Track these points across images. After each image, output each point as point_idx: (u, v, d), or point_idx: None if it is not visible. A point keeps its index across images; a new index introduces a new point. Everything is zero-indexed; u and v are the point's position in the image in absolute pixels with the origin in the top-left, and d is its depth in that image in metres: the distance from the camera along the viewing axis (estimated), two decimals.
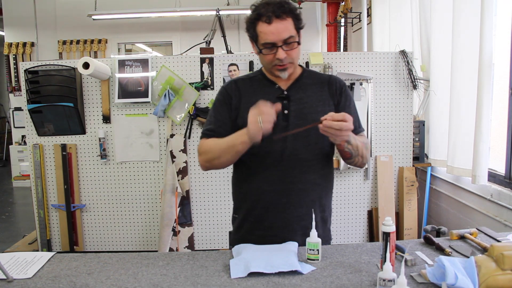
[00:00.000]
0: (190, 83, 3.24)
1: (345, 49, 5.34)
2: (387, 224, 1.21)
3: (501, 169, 2.48)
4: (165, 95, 3.17)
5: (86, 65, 2.99)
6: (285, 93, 1.53)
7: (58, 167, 3.29)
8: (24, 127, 3.41)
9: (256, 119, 1.33)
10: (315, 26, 6.78)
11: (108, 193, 3.36)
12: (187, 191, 3.32)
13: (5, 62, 6.83)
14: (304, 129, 1.40)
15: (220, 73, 3.27)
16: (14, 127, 7.01)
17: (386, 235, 1.20)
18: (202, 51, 3.39)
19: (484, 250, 1.39)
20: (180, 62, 3.28)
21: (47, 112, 3.20)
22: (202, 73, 3.28)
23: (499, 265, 1.12)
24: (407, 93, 3.29)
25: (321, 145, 1.52)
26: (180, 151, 3.28)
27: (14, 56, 6.69)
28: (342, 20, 5.26)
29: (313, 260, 1.34)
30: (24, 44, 6.67)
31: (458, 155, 2.68)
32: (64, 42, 6.65)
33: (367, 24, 4.82)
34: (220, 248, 3.30)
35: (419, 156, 3.33)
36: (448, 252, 1.39)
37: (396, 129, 3.31)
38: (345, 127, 1.31)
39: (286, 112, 1.50)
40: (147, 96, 3.21)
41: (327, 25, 5.82)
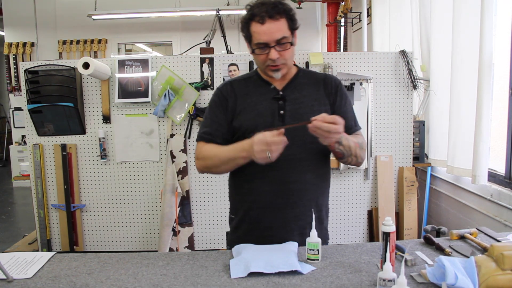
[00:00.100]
0: (190, 83, 3.24)
1: (345, 49, 5.34)
2: (387, 224, 1.21)
3: (501, 169, 2.48)
4: (165, 95, 3.17)
5: (86, 65, 2.99)
6: (281, 93, 1.53)
7: (58, 167, 3.29)
8: (24, 127, 3.41)
9: (264, 153, 1.32)
10: (315, 26, 6.78)
11: (108, 193, 3.36)
12: (187, 191, 3.32)
13: (5, 62, 6.83)
14: (293, 126, 1.38)
15: (220, 73, 3.27)
16: (14, 127, 7.01)
17: (386, 235, 1.20)
18: (202, 51, 3.39)
19: (484, 250, 1.39)
20: (180, 62, 3.28)
21: (47, 112, 3.20)
22: (202, 73, 3.28)
23: (499, 265, 1.12)
24: (407, 93, 3.29)
25: (317, 145, 1.51)
26: (180, 151, 3.28)
27: (14, 56, 6.69)
28: (342, 20, 5.26)
29: (313, 260, 1.34)
30: (24, 44, 6.66)
31: (458, 155, 2.68)
32: (64, 42, 6.65)
33: (367, 24, 4.82)
34: (220, 248, 3.29)
35: (419, 156, 3.33)
36: (448, 252, 1.39)
37: (396, 129, 3.31)
38: (333, 130, 1.31)
39: (282, 112, 1.50)
40: (147, 96, 3.21)
41: (327, 25, 5.83)
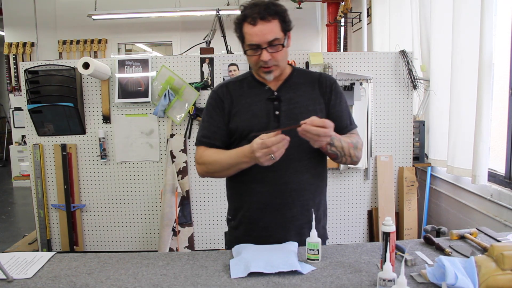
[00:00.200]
0: (190, 83, 3.24)
1: (345, 49, 5.34)
2: (387, 224, 1.21)
3: (501, 169, 2.48)
4: (165, 95, 3.17)
5: (86, 65, 2.99)
6: (275, 93, 1.53)
7: (58, 167, 3.29)
8: (24, 127, 3.41)
9: (267, 155, 1.31)
10: (315, 26, 6.78)
11: (108, 193, 3.36)
12: (187, 191, 3.32)
13: (5, 62, 6.83)
14: (283, 130, 1.36)
15: (220, 73, 3.27)
16: (14, 127, 7.01)
17: (386, 235, 1.20)
18: (202, 51, 3.39)
19: (484, 250, 1.39)
20: (180, 62, 3.28)
21: (47, 112, 3.20)
22: (202, 73, 3.28)
23: (499, 265, 1.12)
24: (407, 93, 3.29)
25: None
26: (180, 151, 3.28)
27: (14, 56, 6.68)
28: (342, 20, 5.26)
29: (313, 260, 1.34)
30: (24, 44, 6.66)
31: (458, 155, 2.68)
32: (64, 42, 6.65)
33: (367, 24, 4.82)
34: (220, 248, 3.29)
35: (419, 156, 3.33)
36: (448, 252, 1.39)
37: (396, 129, 3.31)
38: (322, 134, 1.30)
39: (277, 113, 1.50)
40: (147, 96, 3.22)
41: (327, 25, 5.83)
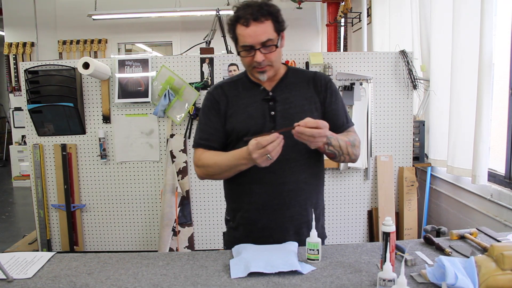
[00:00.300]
0: (190, 83, 3.24)
1: (345, 49, 5.34)
2: (387, 224, 1.21)
3: (501, 169, 2.48)
4: (165, 95, 3.17)
5: (86, 65, 2.99)
6: (270, 94, 1.53)
7: (58, 167, 3.29)
8: (24, 127, 3.41)
9: (264, 156, 1.31)
10: (315, 26, 6.78)
11: (108, 193, 3.36)
12: (187, 191, 3.32)
13: (5, 62, 6.83)
14: (278, 132, 1.35)
15: (220, 73, 3.27)
16: (14, 127, 7.00)
17: (386, 235, 1.20)
18: (202, 51, 3.39)
19: (484, 250, 1.39)
20: (180, 62, 3.28)
21: (47, 112, 3.20)
22: (202, 73, 3.28)
23: (499, 265, 1.12)
24: (407, 93, 3.29)
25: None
26: (180, 151, 3.28)
27: (14, 56, 6.68)
28: (342, 20, 5.26)
29: (313, 260, 1.34)
30: (24, 44, 6.66)
31: (458, 155, 2.68)
32: (64, 42, 6.65)
33: (367, 24, 4.82)
34: (220, 248, 3.29)
35: (419, 156, 3.33)
36: (448, 252, 1.39)
37: (396, 129, 3.31)
38: (317, 135, 1.30)
39: (272, 113, 1.50)
40: (147, 96, 3.21)
41: (327, 25, 5.83)
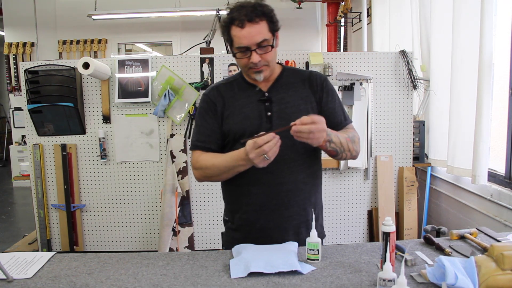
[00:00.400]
0: (190, 83, 3.24)
1: (345, 49, 5.34)
2: (387, 224, 1.21)
3: (501, 169, 2.48)
4: (165, 95, 3.17)
5: (86, 65, 2.99)
6: (266, 94, 1.53)
7: (58, 167, 3.29)
8: (24, 127, 3.41)
9: (260, 156, 1.31)
10: (315, 26, 6.78)
11: (108, 193, 3.36)
12: (187, 191, 3.32)
13: (5, 62, 6.83)
14: (274, 132, 1.34)
15: (220, 73, 3.27)
16: (14, 127, 7.00)
17: (386, 235, 1.20)
18: (202, 51, 3.39)
19: (484, 250, 1.39)
20: (180, 62, 3.28)
21: (47, 112, 3.20)
22: (202, 73, 3.28)
23: (499, 265, 1.12)
24: (407, 93, 3.29)
25: (307, 144, 1.51)
26: (180, 151, 3.28)
27: (14, 56, 6.68)
28: (342, 20, 5.26)
29: (313, 260, 1.34)
30: (24, 44, 6.66)
31: (458, 155, 2.68)
32: (64, 42, 6.65)
33: (367, 24, 4.82)
34: (220, 248, 3.29)
35: (419, 156, 3.33)
36: (448, 252, 1.39)
37: (396, 129, 3.31)
38: (315, 130, 1.30)
39: (269, 114, 1.50)
40: (147, 96, 3.21)
41: (327, 25, 5.83)
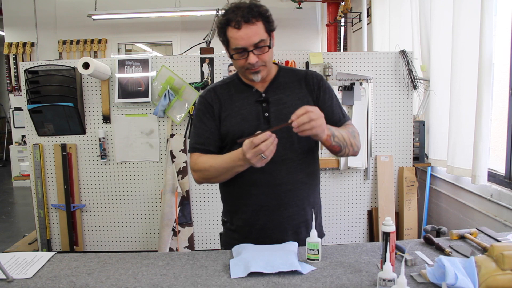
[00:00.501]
0: (190, 83, 3.24)
1: (345, 49, 5.34)
2: (387, 224, 1.21)
3: (501, 169, 2.48)
4: (165, 95, 3.17)
5: (86, 65, 2.99)
6: (263, 95, 1.53)
7: (58, 167, 3.29)
8: (24, 127, 3.41)
9: (258, 156, 1.31)
10: (315, 26, 6.78)
11: (108, 193, 3.36)
12: (187, 191, 3.32)
13: (5, 62, 6.83)
14: (273, 130, 1.34)
15: (220, 73, 3.27)
16: (14, 127, 7.01)
17: (386, 235, 1.20)
18: (202, 51, 3.39)
19: (484, 250, 1.39)
20: (180, 62, 3.28)
21: (47, 112, 3.20)
22: (202, 73, 3.28)
23: (499, 265, 1.12)
24: (407, 93, 3.29)
25: (304, 143, 1.52)
26: (180, 151, 3.28)
27: (14, 56, 6.68)
28: (342, 20, 5.26)
29: (313, 260, 1.34)
30: (24, 44, 6.66)
31: (458, 155, 2.68)
32: (64, 42, 6.65)
33: (367, 24, 4.82)
34: (220, 248, 3.29)
35: (419, 156, 3.33)
36: (448, 252, 1.39)
37: (396, 129, 3.31)
38: (314, 116, 1.30)
39: (266, 114, 1.50)
40: (147, 96, 3.21)
41: (327, 25, 5.83)
